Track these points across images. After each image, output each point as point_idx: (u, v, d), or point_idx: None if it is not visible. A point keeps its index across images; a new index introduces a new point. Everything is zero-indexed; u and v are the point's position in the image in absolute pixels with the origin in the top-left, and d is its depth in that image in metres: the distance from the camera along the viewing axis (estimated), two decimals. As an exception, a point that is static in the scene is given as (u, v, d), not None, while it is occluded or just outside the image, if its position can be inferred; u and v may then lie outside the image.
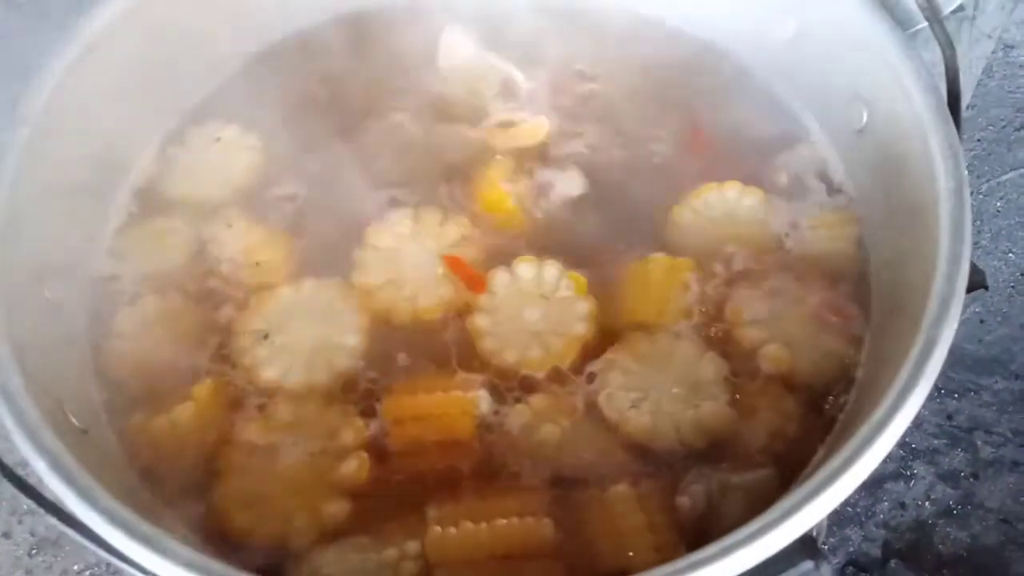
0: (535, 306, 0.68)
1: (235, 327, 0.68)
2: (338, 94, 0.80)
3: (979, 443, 1.33)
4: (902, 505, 1.28)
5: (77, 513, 0.48)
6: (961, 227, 0.55)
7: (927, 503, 1.28)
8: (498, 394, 0.65)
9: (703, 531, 0.58)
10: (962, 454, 1.32)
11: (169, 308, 0.69)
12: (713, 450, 0.62)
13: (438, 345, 0.67)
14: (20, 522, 1.22)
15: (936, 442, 1.33)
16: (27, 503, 1.20)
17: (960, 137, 0.61)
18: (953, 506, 1.27)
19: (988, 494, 1.28)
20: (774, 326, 0.67)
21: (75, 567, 1.20)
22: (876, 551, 1.25)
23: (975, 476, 1.30)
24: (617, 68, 0.82)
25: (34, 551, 1.21)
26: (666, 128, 0.77)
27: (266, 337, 0.67)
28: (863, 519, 1.26)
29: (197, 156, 0.77)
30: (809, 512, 0.46)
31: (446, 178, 0.75)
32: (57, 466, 0.49)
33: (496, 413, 0.64)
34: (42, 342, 0.61)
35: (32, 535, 1.21)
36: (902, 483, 1.29)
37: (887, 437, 0.48)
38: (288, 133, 0.77)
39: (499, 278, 0.69)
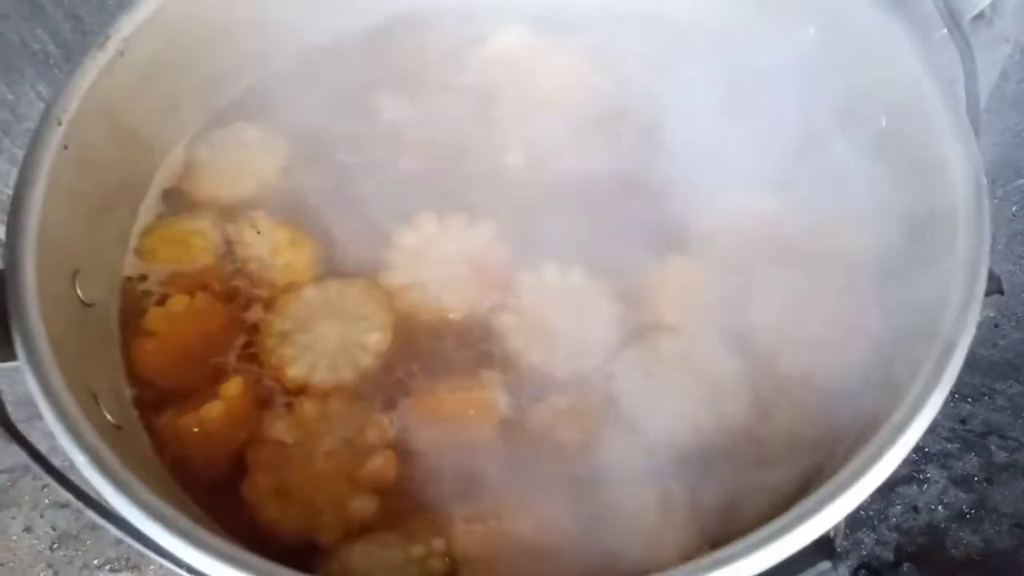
0: (561, 308, 0.69)
1: (262, 327, 0.69)
2: (366, 97, 0.81)
3: (993, 447, 1.33)
4: (915, 509, 1.28)
5: (117, 507, 0.49)
6: (980, 235, 0.56)
7: (940, 507, 1.28)
8: (520, 394, 0.66)
9: (725, 530, 0.59)
10: (976, 458, 1.32)
11: (197, 308, 0.70)
12: (734, 449, 0.63)
13: (462, 345, 0.69)
14: (42, 516, 1.23)
15: (949, 446, 1.33)
16: (49, 497, 1.22)
17: (978, 144, 0.61)
18: (966, 510, 1.27)
19: (1002, 499, 1.28)
20: (794, 328, 0.67)
21: (95, 561, 1.21)
22: (889, 554, 1.25)
23: (989, 481, 1.30)
24: (636, 73, 0.82)
25: (56, 545, 1.22)
26: (686, 134, 0.78)
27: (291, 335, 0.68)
28: (876, 522, 1.26)
29: (225, 157, 0.78)
30: (829, 513, 0.47)
31: (474, 181, 0.76)
32: (97, 460, 0.51)
33: (518, 413, 0.65)
34: (76, 341, 0.62)
35: (54, 529, 1.23)
36: (915, 487, 1.29)
37: (906, 440, 0.49)
38: (316, 134, 0.78)
39: (526, 280, 0.70)
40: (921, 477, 1.30)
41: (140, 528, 0.48)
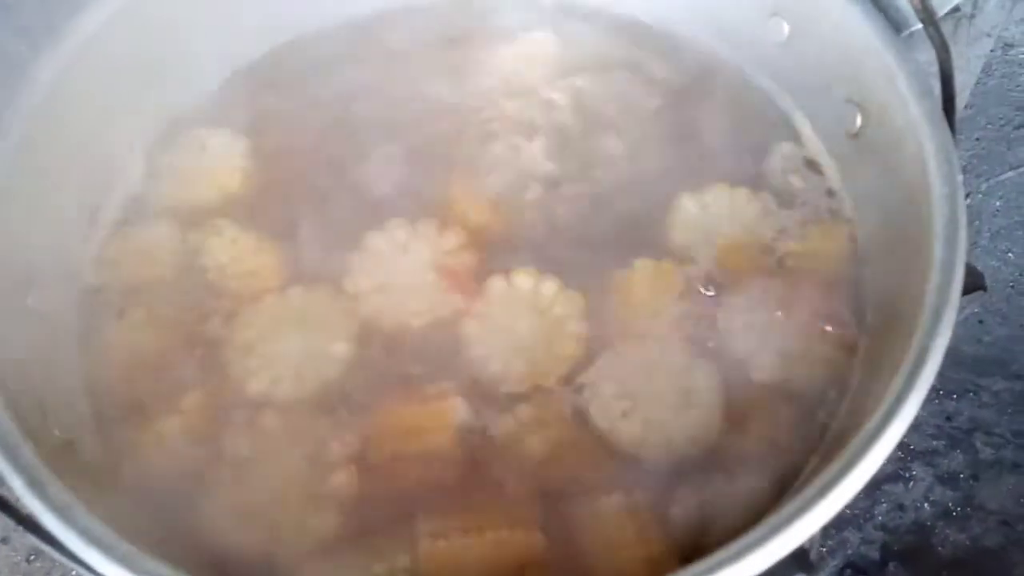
0: (528, 320, 0.67)
1: (223, 339, 0.67)
2: (333, 100, 0.79)
3: (979, 444, 1.32)
4: (901, 507, 1.28)
5: (54, 532, 0.47)
6: (955, 235, 0.54)
7: (926, 505, 1.28)
8: (483, 404, 0.64)
9: (696, 542, 0.57)
10: (961, 455, 1.31)
11: (157, 319, 0.68)
12: (705, 459, 0.61)
13: (425, 353, 0.67)
14: (17, 528, 1.21)
15: (935, 443, 1.32)
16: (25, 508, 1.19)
17: (955, 141, 0.60)
18: (953, 508, 1.27)
19: (988, 496, 1.27)
20: (766, 334, 0.66)
21: (73, 574, 1.19)
22: (875, 553, 1.24)
23: (975, 478, 1.29)
24: (608, 73, 0.81)
25: (32, 557, 1.20)
26: (659, 133, 0.77)
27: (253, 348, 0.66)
28: (861, 521, 1.26)
29: (185, 163, 0.76)
30: (803, 525, 0.46)
31: (445, 187, 0.74)
32: (35, 483, 0.49)
33: (479, 423, 0.63)
34: (26, 352, 0.60)
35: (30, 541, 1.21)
36: (900, 485, 1.29)
37: (880, 448, 0.48)
38: (280, 139, 0.76)
39: (496, 286, 0.68)
40: (907, 475, 1.29)
41: (79, 555, 0.46)
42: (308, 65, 0.82)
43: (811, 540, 0.50)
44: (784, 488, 0.59)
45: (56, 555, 0.48)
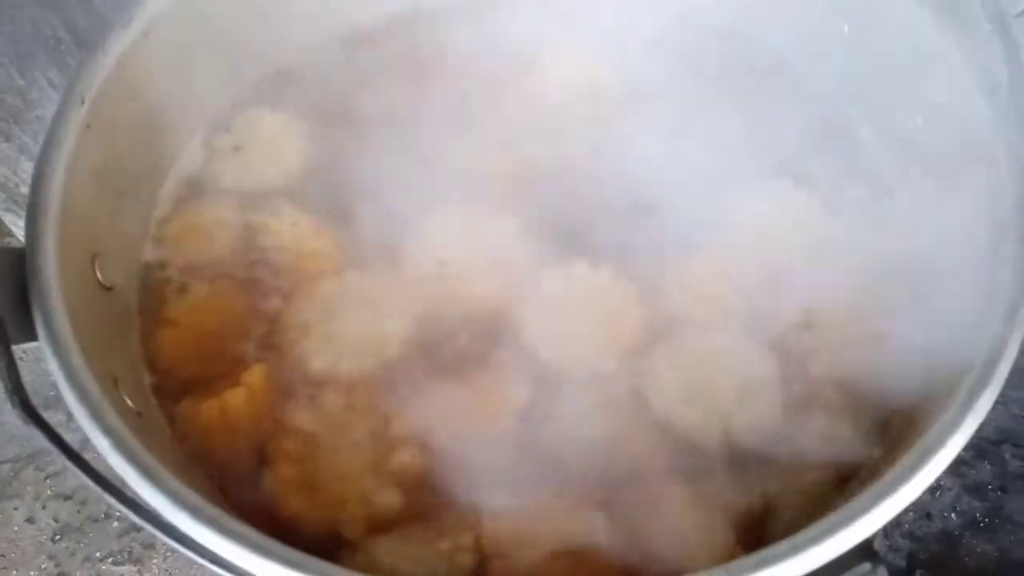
0: (584, 308, 0.67)
1: (283, 318, 0.68)
2: (391, 85, 0.79)
3: (1007, 456, 1.32)
4: (928, 516, 1.27)
5: (141, 494, 0.48)
6: (1030, 231, 0.55)
7: (953, 515, 1.27)
8: (542, 388, 0.64)
9: (759, 532, 0.58)
10: (989, 467, 1.31)
11: (217, 296, 0.69)
12: (767, 450, 0.61)
13: (483, 337, 0.67)
14: (44, 507, 1.22)
15: (963, 453, 1.29)
16: (52, 489, 1.19)
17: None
18: (980, 518, 1.26)
19: (1016, 507, 1.26)
20: (826, 329, 0.66)
21: (97, 554, 1.20)
22: (902, 561, 1.24)
23: (1003, 489, 1.29)
24: (665, 68, 0.81)
25: (58, 537, 1.21)
26: (717, 129, 0.77)
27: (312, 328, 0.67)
28: (889, 528, 1.25)
29: (248, 144, 0.77)
30: (879, 513, 0.46)
31: (501, 174, 0.74)
32: (121, 445, 0.49)
33: (542, 407, 0.63)
34: (96, 324, 0.60)
35: (56, 521, 1.21)
36: (927, 494, 1.26)
37: (957, 439, 0.48)
38: (340, 122, 0.77)
39: (552, 276, 0.69)
40: (934, 484, 1.27)
41: (165, 516, 0.47)
42: (366, 53, 0.82)
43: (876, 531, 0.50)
44: (846, 481, 0.59)
45: (135, 517, 0.48)
